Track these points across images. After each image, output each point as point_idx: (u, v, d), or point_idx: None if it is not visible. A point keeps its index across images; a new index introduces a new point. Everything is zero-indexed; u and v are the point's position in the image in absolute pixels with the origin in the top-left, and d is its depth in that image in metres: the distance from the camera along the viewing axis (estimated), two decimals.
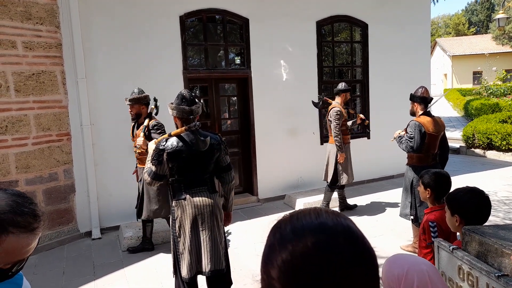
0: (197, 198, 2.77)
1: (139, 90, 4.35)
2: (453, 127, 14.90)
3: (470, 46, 35.24)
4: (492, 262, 1.66)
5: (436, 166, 3.96)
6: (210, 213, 2.79)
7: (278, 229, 0.64)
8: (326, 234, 0.60)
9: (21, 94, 4.56)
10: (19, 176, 4.55)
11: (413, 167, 4.06)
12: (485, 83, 20.72)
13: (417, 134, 3.88)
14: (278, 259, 0.60)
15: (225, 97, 6.56)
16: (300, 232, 0.61)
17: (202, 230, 2.77)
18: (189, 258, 2.75)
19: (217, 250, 2.81)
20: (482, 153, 9.57)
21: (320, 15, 6.64)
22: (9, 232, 1.00)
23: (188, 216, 2.75)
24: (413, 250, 4.10)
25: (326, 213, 0.65)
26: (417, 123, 3.93)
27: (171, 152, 2.70)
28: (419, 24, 7.72)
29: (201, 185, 2.80)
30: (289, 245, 0.60)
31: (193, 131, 2.74)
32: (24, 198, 1.08)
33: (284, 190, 6.48)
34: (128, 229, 4.88)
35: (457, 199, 2.09)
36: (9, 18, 4.42)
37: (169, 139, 2.75)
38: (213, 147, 2.80)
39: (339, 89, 5.36)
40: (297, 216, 0.65)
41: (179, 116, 2.81)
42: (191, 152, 2.72)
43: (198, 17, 5.87)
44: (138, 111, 4.32)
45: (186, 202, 2.75)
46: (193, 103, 2.83)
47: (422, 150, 3.94)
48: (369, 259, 0.61)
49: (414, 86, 6.94)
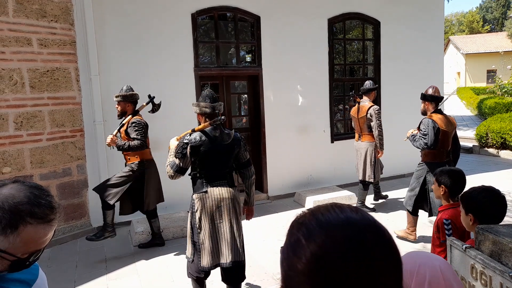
0: (217, 191, 2.90)
1: (127, 87, 4.32)
2: (466, 126, 14.69)
3: (484, 44, 34.61)
4: (506, 262, 1.64)
5: (449, 163, 4.10)
6: (230, 206, 2.92)
7: (302, 224, 0.65)
8: (354, 228, 0.61)
9: (36, 91, 4.64)
10: (34, 171, 4.64)
11: (428, 164, 4.13)
12: (499, 82, 20.33)
13: (430, 131, 3.97)
14: (306, 253, 0.60)
15: (235, 95, 6.57)
16: (327, 226, 0.61)
17: (222, 223, 2.91)
18: (210, 248, 2.88)
19: (237, 242, 2.94)
20: (496, 152, 9.42)
21: (331, 13, 6.61)
22: (27, 223, 1.03)
23: (208, 209, 2.89)
24: (405, 235, 4.41)
25: (348, 208, 0.66)
26: (431, 120, 4.03)
27: (195, 146, 2.83)
28: (432, 21, 7.62)
29: (221, 179, 2.94)
30: (318, 239, 0.60)
31: (218, 125, 2.93)
32: (41, 190, 1.11)
33: (294, 188, 6.48)
34: (140, 224, 4.93)
35: (472, 198, 2.07)
36: (24, 15, 4.50)
37: (193, 134, 2.89)
38: (233, 143, 2.95)
39: (368, 88, 5.40)
40: (320, 212, 0.65)
41: (202, 112, 2.96)
42: (213, 146, 2.87)
43: (210, 15, 5.89)
44: (123, 109, 4.29)
45: (207, 195, 2.89)
46: (216, 101, 3.00)
47: (436, 146, 4.02)
48: (395, 253, 0.62)
49: (426, 84, 6.87)
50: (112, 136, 4.09)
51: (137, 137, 4.13)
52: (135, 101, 4.34)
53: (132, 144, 4.10)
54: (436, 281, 1.12)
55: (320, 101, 6.67)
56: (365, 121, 5.27)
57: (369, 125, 5.26)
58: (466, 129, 13.91)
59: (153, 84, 5.39)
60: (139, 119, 4.23)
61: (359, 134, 5.44)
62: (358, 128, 5.42)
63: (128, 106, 4.29)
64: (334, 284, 0.57)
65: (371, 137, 5.29)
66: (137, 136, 4.13)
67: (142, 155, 4.28)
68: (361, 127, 5.35)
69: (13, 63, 4.44)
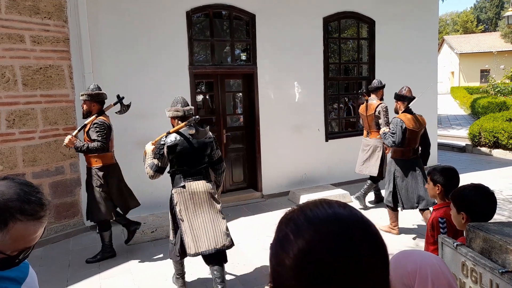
0: (194, 185, 3.21)
1: (94, 86, 4.14)
2: (459, 125, 14.79)
3: (478, 44, 34.86)
4: (496, 259, 1.66)
5: (417, 160, 4.38)
6: (206, 198, 3.23)
7: (291, 220, 0.65)
8: (342, 224, 0.61)
9: (29, 88, 4.60)
10: (26, 169, 4.60)
11: (395, 160, 4.42)
12: (492, 81, 20.52)
13: (398, 130, 4.21)
14: (294, 248, 0.60)
15: (230, 93, 6.56)
16: (316, 222, 0.61)
17: (200, 214, 3.20)
18: (192, 237, 3.15)
19: (217, 231, 3.20)
20: (488, 151, 9.50)
21: (327, 11, 6.62)
22: (17, 220, 1.02)
23: (186, 201, 3.18)
24: (388, 230, 4.62)
25: (337, 204, 0.66)
26: (399, 120, 4.27)
27: (171, 146, 3.14)
28: (427, 21, 7.66)
29: (197, 175, 3.24)
30: (306, 234, 0.60)
31: (193, 124, 3.25)
32: (32, 187, 1.10)
33: (289, 186, 6.49)
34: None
35: (463, 196, 2.08)
36: (17, 12, 4.46)
37: (169, 136, 3.19)
38: (206, 143, 3.28)
39: (376, 86, 5.50)
40: (309, 207, 0.65)
41: (174, 116, 3.28)
42: (188, 145, 3.18)
43: (205, 13, 5.87)
44: (89, 108, 4.08)
45: (185, 190, 3.19)
46: (186, 105, 3.33)
47: (404, 144, 4.27)
48: (382, 249, 0.63)
49: (421, 83, 6.93)
50: (70, 137, 3.89)
51: (97, 138, 3.92)
52: (102, 101, 4.13)
53: (91, 145, 3.90)
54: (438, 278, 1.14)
55: (315, 100, 6.68)
56: (373, 119, 5.41)
57: (377, 123, 5.39)
58: (459, 128, 14.01)
59: (147, 81, 5.37)
60: (102, 120, 4.02)
61: (367, 131, 5.56)
62: (366, 125, 5.55)
63: (94, 105, 4.08)
64: (321, 279, 0.57)
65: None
66: (97, 137, 3.92)
67: (104, 160, 4.07)
68: (369, 124, 5.49)
69: (5, 60, 4.39)
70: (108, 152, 4.11)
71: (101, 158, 4.07)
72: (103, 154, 4.05)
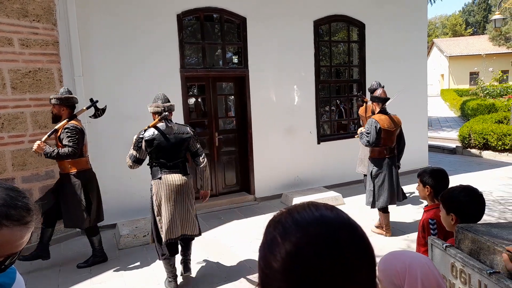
0: (170, 178, 3.42)
1: (64, 90, 4.03)
2: (449, 127, 14.97)
3: (467, 46, 35.36)
4: (484, 260, 1.68)
5: (393, 158, 4.52)
6: (181, 190, 3.43)
7: (279, 223, 0.65)
8: (328, 226, 0.62)
9: (18, 92, 4.55)
10: (16, 174, 4.54)
11: (372, 160, 4.56)
12: (481, 84, 20.80)
13: (373, 130, 4.37)
14: (282, 251, 0.60)
15: (222, 96, 6.56)
16: (303, 225, 0.62)
17: (176, 204, 3.41)
18: (168, 225, 3.38)
19: (190, 219, 3.50)
20: (478, 153, 9.62)
21: (317, 15, 6.66)
22: (3, 225, 1.01)
23: (163, 192, 3.40)
24: (380, 232, 4.68)
25: (324, 206, 0.67)
26: (374, 120, 4.42)
27: (148, 140, 3.38)
28: (416, 24, 7.75)
29: (174, 168, 3.45)
30: (293, 237, 0.61)
31: (167, 120, 3.49)
32: (18, 192, 1.08)
33: (281, 189, 6.50)
34: (125, 227, 4.88)
35: (452, 198, 2.10)
36: (5, 15, 4.41)
37: (148, 130, 3.43)
38: (183, 138, 3.49)
39: (375, 88, 5.49)
40: (296, 210, 0.66)
41: (154, 111, 3.53)
42: (165, 140, 3.41)
43: (196, 16, 5.87)
44: (58, 113, 3.97)
45: (161, 181, 3.40)
46: (167, 101, 3.59)
47: (379, 144, 4.42)
48: (368, 251, 0.63)
49: (411, 86, 7.00)
50: (39, 143, 3.74)
51: (68, 144, 3.79)
52: (72, 105, 4.01)
53: (62, 151, 3.77)
54: (427, 278, 1.15)
55: (307, 103, 6.71)
56: None
57: None
58: (450, 130, 14.17)
59: (138, 85, 5.34)
60: (74, 124, 3.89)
61: None
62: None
63: (64, 110, 3.96)
64: (309, 281, 0.58)
65: None
66: (68, 143, 3.80)
67: (78, 165, 3.96)
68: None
69: None
70: (82, 158, 4.00)
71: (76, 164, 3.96)
72: (77, 159, 3.94)
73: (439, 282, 1.18)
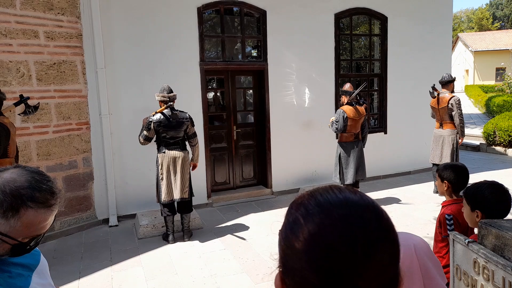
0: (172, 152, 4.40)
1: None
2: (473, 124, 14.54)
3: (494, 41, 34.15)
4: (509, 256, 1.63)
5: (357, 142, 5.32)
6: (180, 161, 4.40)
7: (301, 204, 0.64)
8: (352, 208, 0.61)
9: (43, 83, 4.67)
10: (40, 163, 4.68)
11: (340, 144, 5.36)
12: (508, 80, 20.09)
13: (340, 119, 5.16)
14: (305, 231, 0.60)
15: (241, 90, 6.56)
16: (326, 206, 0.61)
17: (175, 172, 4.40)
18: (166, 189, 4.39)
19: (185, 186, 4.43)
20: (503, 150, 9.33)
21: (338, 7, 6.56)
22: (28, 207, 1.04)
23: (165, 162, 4.38)
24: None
25: (347, 189, 0.66)
26: (341, 111, 5.20)
27: (156, 122, 4.33)
28: (440, 18, 7.53)
29: (175, 145, 4.43)
30: (316, 218, 0.60)
31: (171, 108, 4.38)
32: (43, 175, 1.12)
33: (298, 183, 6.47)
34: (144, 217, 4.97)
35: (478, 194, 2.04)
36: (32, 8, 4.53)
37: (155, 114, 4.35)
38: (183, 122, 4.42)
39: (447, 80, 5.87)
40: (319, 192, 0.65)
41: (161, 100, 4.43)
42: (168, 123, 4.35)
43: (216, 9, 5.88)
44: None
45: (165, 155, 4.38)
46: (171, 92, 4.46)
47: (346, 130, 5.22)
48: (393, 235, 0.62)
49: (433, 81, 6.83)
50: None
51: None
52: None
53: None
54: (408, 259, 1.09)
55: (326, 97, 6.64)
56: (446, 111, 5.74)
57: (450, 115, 5.72)
58: (474, 127, 13.77)
59: (158, 77, 5.40)
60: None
61: (440, 123, 5.90)
62: (439, 117, 5.88)
63: None
64: (331, 261, 0.57)
65: (453, 125, 5.76)
66: None
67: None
68: (442, 117, 5.82)
69: (20, 56, 4.47)
70: (6, 158, 3.45)
71: None
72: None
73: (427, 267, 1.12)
